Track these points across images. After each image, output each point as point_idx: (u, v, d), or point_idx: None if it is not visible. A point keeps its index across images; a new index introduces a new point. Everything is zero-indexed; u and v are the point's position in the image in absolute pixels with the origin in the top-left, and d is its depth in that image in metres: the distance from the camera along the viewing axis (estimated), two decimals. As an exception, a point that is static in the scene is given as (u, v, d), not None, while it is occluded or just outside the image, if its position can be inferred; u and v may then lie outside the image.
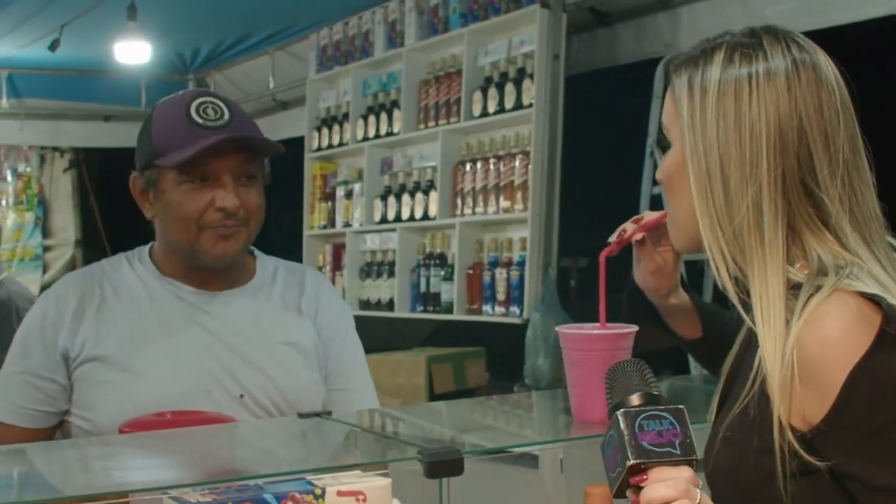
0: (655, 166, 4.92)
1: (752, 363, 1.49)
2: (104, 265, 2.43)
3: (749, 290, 1.52)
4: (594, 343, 1.79)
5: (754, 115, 1.51)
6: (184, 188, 2.22)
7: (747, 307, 1.53)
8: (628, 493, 1.38)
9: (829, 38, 1.69)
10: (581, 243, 5.26)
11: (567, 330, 1.83)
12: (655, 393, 1.41)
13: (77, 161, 9.32)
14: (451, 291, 5.53)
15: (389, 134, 6.11)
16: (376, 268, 6.12)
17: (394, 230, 5.99)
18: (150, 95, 8.22)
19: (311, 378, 2.33)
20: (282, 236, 6.16)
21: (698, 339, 1.94)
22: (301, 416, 2.00)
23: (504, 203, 5.30)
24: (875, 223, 1.55)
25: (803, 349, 1.42)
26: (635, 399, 1.40)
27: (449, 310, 5.54)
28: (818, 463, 1.41)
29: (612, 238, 1.84)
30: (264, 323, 2.34)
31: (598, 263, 1.83)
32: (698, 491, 1.36)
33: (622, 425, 1.37)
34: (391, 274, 5.99)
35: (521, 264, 5.17)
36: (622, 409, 1.38)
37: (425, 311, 5.73)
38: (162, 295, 2.32)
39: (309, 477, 1.57)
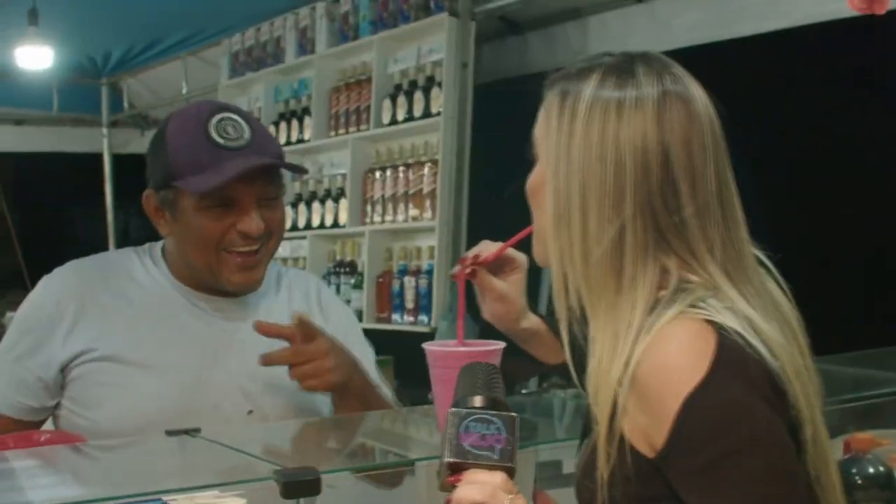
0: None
1: None
2: (112, 259, 2.37)
3: (589, 320, 1.49)
4: (460, 360, 1.76)
5: (621, 143, 1.46)
6: (205, 211, 2.16)
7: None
8: (448, 492, 1.39)
9: (732, 50, 1.67)
10: (489, 252, 5.25)
11: (432, 347, 1.80)
12: (493, 397, 1.41)
13: (-12, 166, 9.17)
14: (360, 299, 5.49)
15: (300, 141, 6.07)
16: (287, 276, 6.05)
17: (304, 237, 5.95)
18: (63, 99, 8.12)
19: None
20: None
21: (564, 363, 1.90)
22: (168, 433, 1.96)
23: (413, 211, 5.28)
24: (746, 260, 1.52)
25: (644, 371, 1.40)
26: (473, 400, 1.41)
27: (359, 318, 5.48)
28: (663, 490, 1.40)
29: (455, 270, 1.84)
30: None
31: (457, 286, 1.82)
32: (508, 497, 1.35)
33: (449, 423, 1.39)
34: (302, 282, 5.92)
35: (430, 273, 5.15)
36: (454, 408, 1.40)
37: (336, 319, 5.67)
38: (174, 299, 2.26)
39: (165, 498, 1.55)
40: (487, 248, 1.83)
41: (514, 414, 1.40)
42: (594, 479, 1.45)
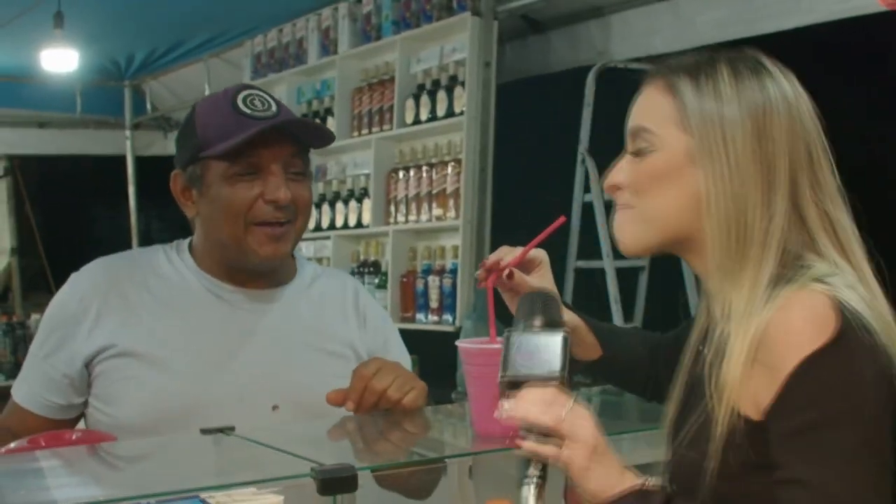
0: (587, 173, 4.93)
1: None
2: (138, 255, 2.38)
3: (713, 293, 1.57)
4: (493, 358, 1.77)
5: (777, 139, 1.52)
6: (232, 181, 2.16)
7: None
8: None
9: (756, 47, 1.67)
10: (513, 251, 5.25)
11: (466, 345, 1.81)
12: (545, 318, 1.50)
13: (11, 168, 9.21)
14: (385, 299, 5.50)
15: (323, 141, 6.05)
16: (311, 276, 6.06)
17: (328, 238, 5.97)
18: (86, 102, 8.14)
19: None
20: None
21: (600, 359, 1.90)
22: (203, 431, 1.97)
23: (437, 211, 5.29)
24: (859, 249, 1.57)
25: (768, 332, 1.44)
26: (525, 322, 1.51)
27: (383, 317, 5.49)
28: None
29: (480, 273, 1.84)
30: (303, 328, 2.28)
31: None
32: (564, 408, 1.46)
33: (504, 345, 1.50)
34: (326, 282, 5.93)
35: (454, 272, 5.16)
36: (508, 330, 1.50)
37: (360, 318, 5.68)
38: (198, 291, 2.25)
39: (202, 495, 1.56)
40: (508, 253, 1.84)
41: (562, 330, 1.49)
42: (702, 450, 1.48)
